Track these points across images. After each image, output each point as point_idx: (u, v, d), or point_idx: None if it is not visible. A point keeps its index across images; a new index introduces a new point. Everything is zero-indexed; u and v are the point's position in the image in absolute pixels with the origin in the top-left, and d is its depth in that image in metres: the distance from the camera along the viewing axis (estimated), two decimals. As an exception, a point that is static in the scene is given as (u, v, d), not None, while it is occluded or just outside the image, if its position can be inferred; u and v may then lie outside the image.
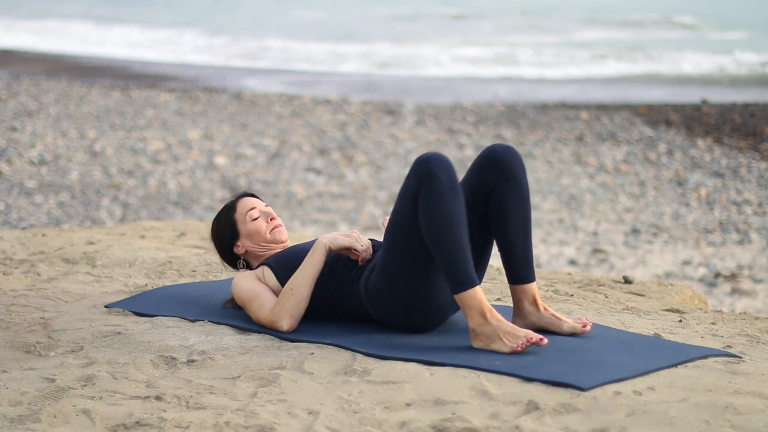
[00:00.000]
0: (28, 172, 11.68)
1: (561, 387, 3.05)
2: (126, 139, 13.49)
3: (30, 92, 16.91)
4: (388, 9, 44.53)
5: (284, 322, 3.60)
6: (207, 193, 11.15)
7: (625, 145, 13.64)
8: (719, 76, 21.92)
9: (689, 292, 4.84)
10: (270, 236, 3.88)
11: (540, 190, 11.45)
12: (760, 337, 3.68)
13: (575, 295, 4.37)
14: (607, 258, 9.05)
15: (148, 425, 2.87)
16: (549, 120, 15.32)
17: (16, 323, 3.85)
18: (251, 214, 3.88)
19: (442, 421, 2.83)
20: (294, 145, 13.42)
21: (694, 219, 10.37)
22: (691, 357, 3.31)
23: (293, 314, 3.61)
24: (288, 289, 3.61)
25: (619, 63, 24.44)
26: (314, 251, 3.63)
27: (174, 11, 41.46)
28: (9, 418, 2.97)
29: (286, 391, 3.11)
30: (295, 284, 3.61)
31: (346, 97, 17.70)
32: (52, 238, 5.58)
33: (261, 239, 3.87)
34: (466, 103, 17.28)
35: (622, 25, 36.12)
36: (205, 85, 19.09)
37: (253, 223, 3.87)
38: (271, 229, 3.88)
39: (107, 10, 41.29)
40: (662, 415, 2.83)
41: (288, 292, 3.61)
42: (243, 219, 3.88)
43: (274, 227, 3.89)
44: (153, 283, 4.49)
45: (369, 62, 24.97)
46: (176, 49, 27.11)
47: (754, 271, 8.73)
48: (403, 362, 3.29)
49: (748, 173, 12.21)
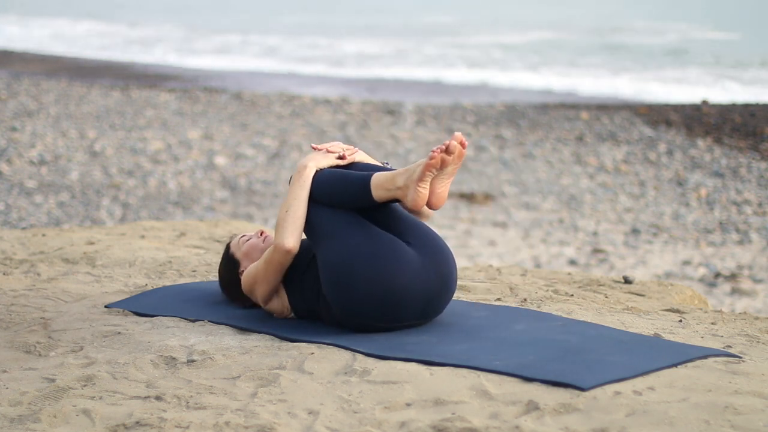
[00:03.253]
0: (28, 172, 11.67)
1: (561, 387, 3.05)
2: (126, 139, 13.49)
3: (30, 92, 16.91)
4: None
5: (287, 240, 3.67)
6: (207, 193, 11.15)
7: (625, 145, 13.64)
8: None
9: (689, 292, 4.84)
10: (264, 245, 4.00)
11: (540, 190, 11.45)
12: (760, 337, 3.68)
13: (575, 295, 4.37)
14: (607, 258, 9.05)
15: (148, 425, 2.87)
16: (549, 120, 15.32)
17: (16, 323, 3.85)
18: (242, 240, 4.06)
19: (442, 421, 2.83)
20: (294, 145, 13.42)
21: (694, 219, 10.37)
22: (691, 357, 3.31)
23: (293, 232, 3.68)
24: (283, 211, 3.70)
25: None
26: (301, 174, 3.75)
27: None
28: (9, 418, 2.97)
29: (286, 391, 3.11)
30: (289, 205, 3.71)
31: (346, 97, 17.70)
32: (52, 238, 5.57)
33: (257, 252, 3.99)
34: (466, 103, 17.28)
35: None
36: (205, 85, 19.09)
37: (247, 243, 4.03)
38: (263, 240, 4.02)
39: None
40: (662, 415, 2.83)
41: (284, 214, 3.70)
42: (238, 247, 4.04)
43: (265, 238, 4.03)
44: (153, 283, 4.49)
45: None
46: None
47: (754, 271, 8.73)
48: (403, 362, 3.29)
49: (748, 173, 12.21)
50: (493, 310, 3.93)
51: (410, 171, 3.56)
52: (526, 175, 12.10)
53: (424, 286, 3.58)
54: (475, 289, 4.36)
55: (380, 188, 3.59)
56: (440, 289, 3.63)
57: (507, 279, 4.71)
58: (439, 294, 3.63)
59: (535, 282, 4.71)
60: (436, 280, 3.61)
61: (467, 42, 30.73)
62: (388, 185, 3.58)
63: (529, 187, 11.56)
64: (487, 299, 4.22)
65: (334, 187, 3.67)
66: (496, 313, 3.89)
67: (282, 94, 17.72)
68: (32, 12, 37.64)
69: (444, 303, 3.68)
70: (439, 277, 3.61)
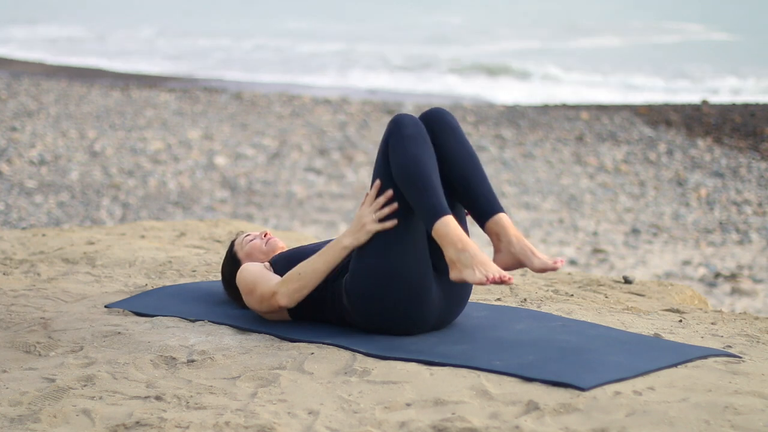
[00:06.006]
0: (28, 172, 11.67)
1: (561, 387, 3.05)
2: (126, 139, 13.49)
3: (30, 92, 16.91)
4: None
5: (283, 298, 3.62)
6: (207, 193, 11.15)
7: (625, 145, 13.64)
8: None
9: (689, 292, 4.84)
10: (267, 247, 3.98)
11: (540, 190, 11.45)
12: (760, 337, 3.68)
13: (575, 295, 4.37)
14: (607, 258, 9.05)
15: (148, 425, 2.87)
16: (549, 120, 15.32)
17: (16, 323, 3.85)
18: (246, 239, 4.03)
19: (442, 421, 2.83)
20: (294, 145, 13.42)
21: (694, 219, 10.38)
22: (691, 357, 3.31)
23: (292, 296, 3.62)
24: (296, 272, 3.63)
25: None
26: (333, 247, 3.60)
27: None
28: (9, 418, 2.97)
29: (286, 391, 3.11)
30: (304, 270, 3.62)
31: (346, 97, 17.70)
32: (52, 238, 5.57)
33: (259, 253, 3.97)
34: (466, 103, 17.28)
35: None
36: (205, 85, 19.09)
37: (250, 243, 4.00)
38: (266, 242, 4.00)
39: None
40: (662, 415, 2.83)
41: (295, 275, 3.62)
42: (241, 246, 4.02)
43: (268, 240, 4.01)
44: (153, 283, 4.49)
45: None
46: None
47: (754, 271, 8.73)
48: (403, 362, 3.29)
49: (748, 173, 12.21)
50: (493, 310, 3.93)
51: (472, 258, 3.33)
52: (526, 175, 12.10)
53: (439, 319, 3.64)
54: (475, 289, 4.36)
55: (439, 237, 3.38)
56: (453, 316, 3.70)
57: (507, 279, 4.71)
58: (450, 319, 3.70)
59: (535, 282, 4.72)
60: (452, 312, 3.68)
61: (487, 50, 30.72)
62: (445, 243, 3.36)
63: (529, 187, 11.57)
64: (487, 299, 4.22)
65: (410, 194, 3.47)
66: (496, 313, 3.89)
67: (282, 94, 17.71)
68: (20, 19, 37.51)
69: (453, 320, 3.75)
70: (455, 308, 3.68)
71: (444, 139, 3.61)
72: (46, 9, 42.18)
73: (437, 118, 3.64)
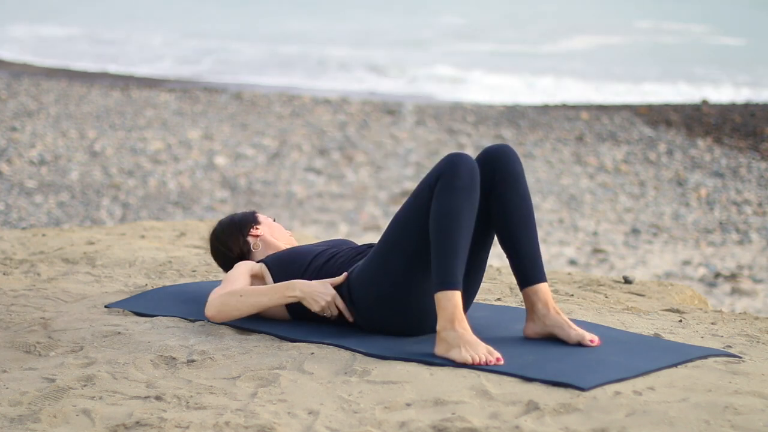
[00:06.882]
0: (28, 172, 11.68)
1: (561, 387, 3.05)
2: (126, 139, 13.49)
3: (30, 92, 16.91)
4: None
5: (212, 310, 3.65)
6: (207, 193, 11.15)
7: (625, 145, 13.64)
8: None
9: (689, 292, 4.84)
10: (288, 240, 4.06)
11: (540, 190, 11.45)
12: (760, 337, 3.68)
13: (575, 295, 4.37)
14: (607, 258, 9.06)
15: (148, 425, 2.87)
16: (549, 120, 15.32)
17: (16, 323, 3.85)
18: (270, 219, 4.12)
19: (442, 421, 2.83)
20: (294, 145, 13.42)
21: (694, 219, 10.38)
22: (691, 357, 3.31)
23: (223, 313, 3.65)
24: (238, 294, 3.64)
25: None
26: (283, 292, 3.61)
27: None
28: (9, 418, 2.97)
29: (286, 391, 3.11)
30: (247, 296, 3.63)
31: (346, 97, 17.70)
32: (52, 238, 5.57)
33: (280, 236, 4.03)
34: (466, 103, 17.28)
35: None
36: (205, 86, 19.09)
37: (276, 223, 4.08)
38: (289, 234, 4.09)
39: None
40: (662, 415, 2.83)
41: (237, 296, 3.64)
42: (264, 217, 4.08)
43: (290, 234, 4.10)
44: (153, 283, 4.49)
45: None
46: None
47: (754, 271, 8.73)
48: (403, 362, 3.29)
49: (748, 173, 12.22)
50: (493, 310, 3.93)
51: (459, 338, 3.29)
52: (526, 175, 12.10)
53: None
54: (475, 289, 4.36)
55: (438, 305, 3.32)
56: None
57: (507, 279, 4.72)
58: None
59: (535, 282, 4.71)
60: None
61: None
62: (440, 314, 3.31)
63: (530, 187, 11.56)
64: (487, 299, 4.22)
65: (435, 244, 3.37)
66: (496, 313, 3.89)
67: (282, 94, 17.71)
68: (17, 18, 37.47)
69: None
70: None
71: (504, 189, 3.48)
72: (46, 9, 42.16)
73: (502, 163, 3.50)
